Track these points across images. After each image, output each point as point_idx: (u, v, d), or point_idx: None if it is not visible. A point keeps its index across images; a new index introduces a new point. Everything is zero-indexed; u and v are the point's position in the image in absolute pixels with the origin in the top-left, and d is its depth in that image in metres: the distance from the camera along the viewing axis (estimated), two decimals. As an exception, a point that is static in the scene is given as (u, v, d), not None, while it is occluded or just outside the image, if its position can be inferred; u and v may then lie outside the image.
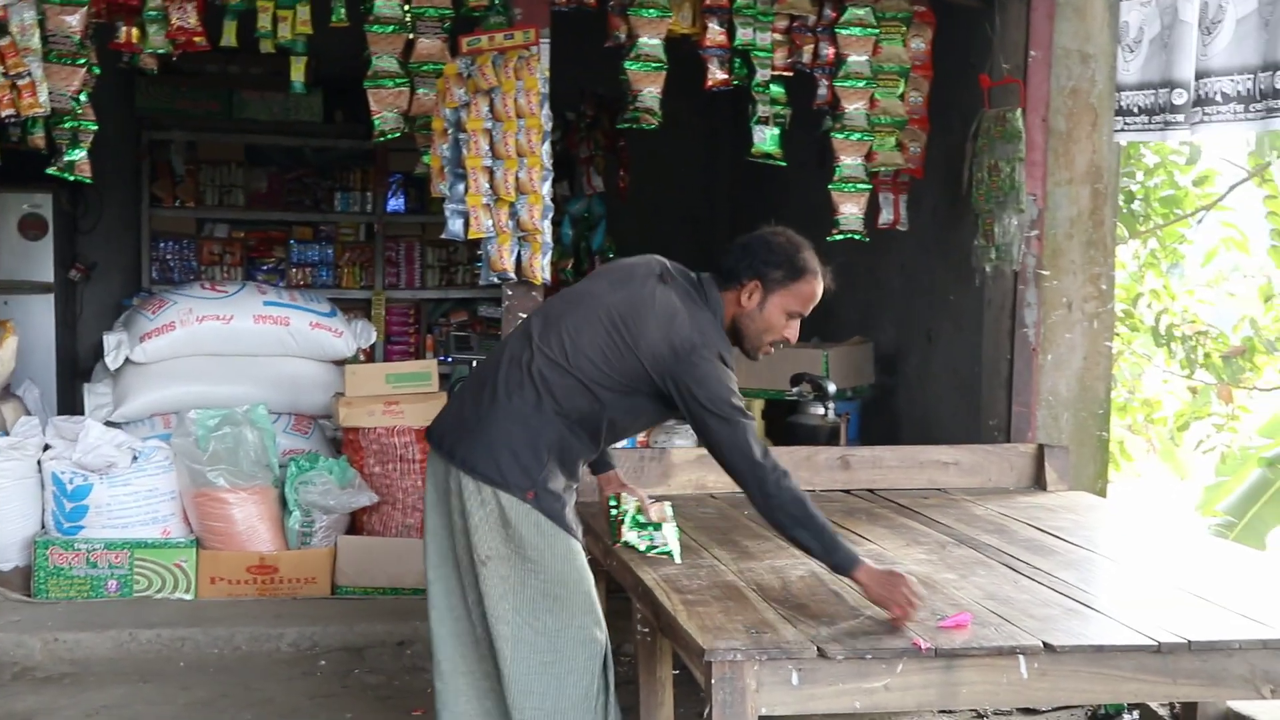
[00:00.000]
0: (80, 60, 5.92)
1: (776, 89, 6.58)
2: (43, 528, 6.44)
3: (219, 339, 7.11)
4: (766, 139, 6.61)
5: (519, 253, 5.91)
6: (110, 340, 7.06)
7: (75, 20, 5.86)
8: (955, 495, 5.71)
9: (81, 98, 5.96)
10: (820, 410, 6.79)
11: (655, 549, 4.19)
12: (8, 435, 6.51)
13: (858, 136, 6.58)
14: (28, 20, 5.67)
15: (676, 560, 4.19)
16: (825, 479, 5.73)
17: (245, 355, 7.16)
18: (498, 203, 5.89)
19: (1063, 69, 6.35)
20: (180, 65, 7.46)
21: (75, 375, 8.58)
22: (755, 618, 3.76)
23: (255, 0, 6.15)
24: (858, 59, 6.48)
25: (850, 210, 6.65)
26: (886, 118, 6.59)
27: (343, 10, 6.25)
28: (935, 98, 6.71)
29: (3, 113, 5.68)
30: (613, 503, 4.26)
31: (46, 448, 6.53)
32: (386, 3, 6.16)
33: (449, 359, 9.73)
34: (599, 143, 9.68)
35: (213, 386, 6.98)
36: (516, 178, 5.84)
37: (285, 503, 6.54)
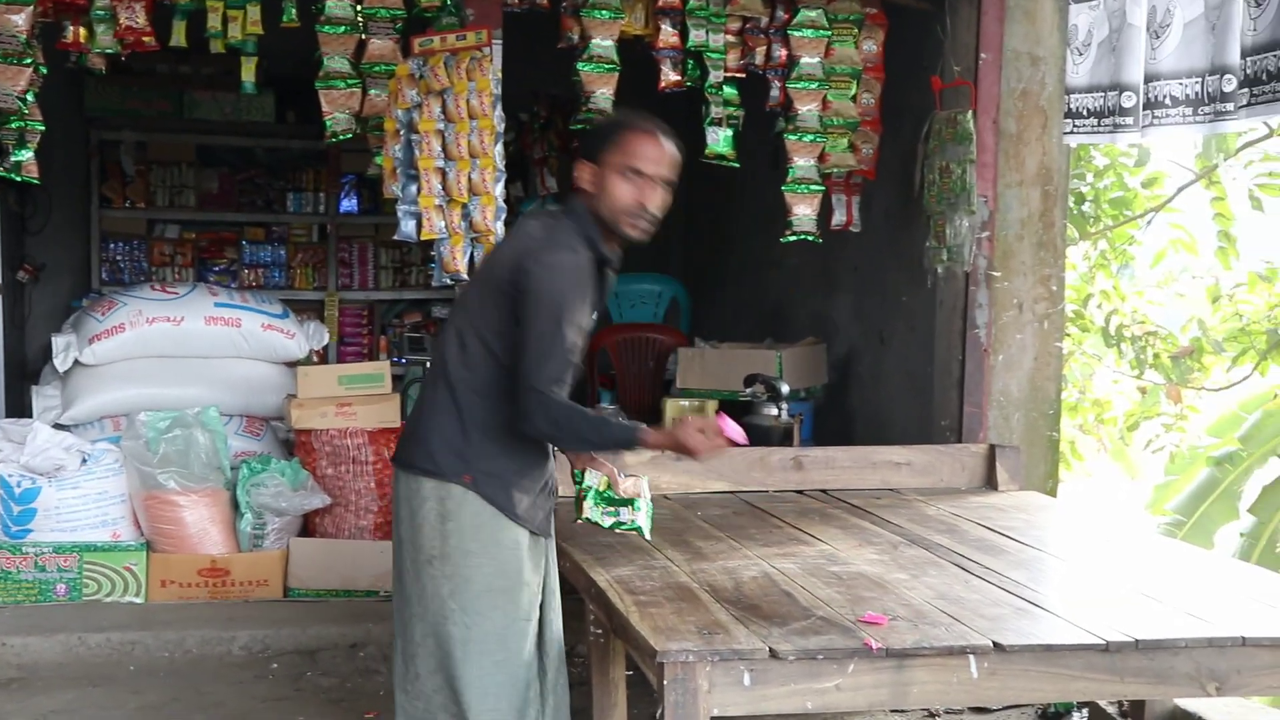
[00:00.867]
0: (26, 60, 5.87)
1: (729, 90, 6.60)
2: (-10, 531, 6.41)
3: (170, 341, 7.08)
4: (720, 140, 6.63)
5: (472, 254, 5.90)
6: (59, 342, 7.02)
7: (21, 19, 5.81)
8: (907, 495, 5.74)
9: (28, 97, 5.91)
10: (774, 411, 6.76)
11: (621, 525, 4.03)
12: (-45, 438, 6.46)
13: (810, 138, 6.60)
14: (-29, 19, 5.65)
15: (647, 537, 4.11)
16: (779, 479, 5.77)
17: (197, 357, 7.14)
18: (450, 204, 5.89)
19: (1013, 71, 6.39)
20: (130, 65, 7.44)
21: (23, 377, 8.50)
22: (707, 619, 3.76)
23: (205, 0, 6.13)
24: (810, 61, 6.50)
25: (803, 211, 6.67)
26: (839, 119, 6.62)
27: (294, 10, 6.21)
28: (887, 99, 6.74)
29: (-52, 113, 5.67)
30: (577, 477, 4.07)
31: (-7, 450, 6.49)
32: (338, 3, 6.13)
33: (403, 360, 9.74)
34: (552, 144, 9.71)
35: (163, 389, 6.96)
36: (469, 179, 5.84)
37: (237, 505, 6.52)
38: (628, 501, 3.99)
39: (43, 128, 6.02)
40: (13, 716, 5.24)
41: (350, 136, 6.32)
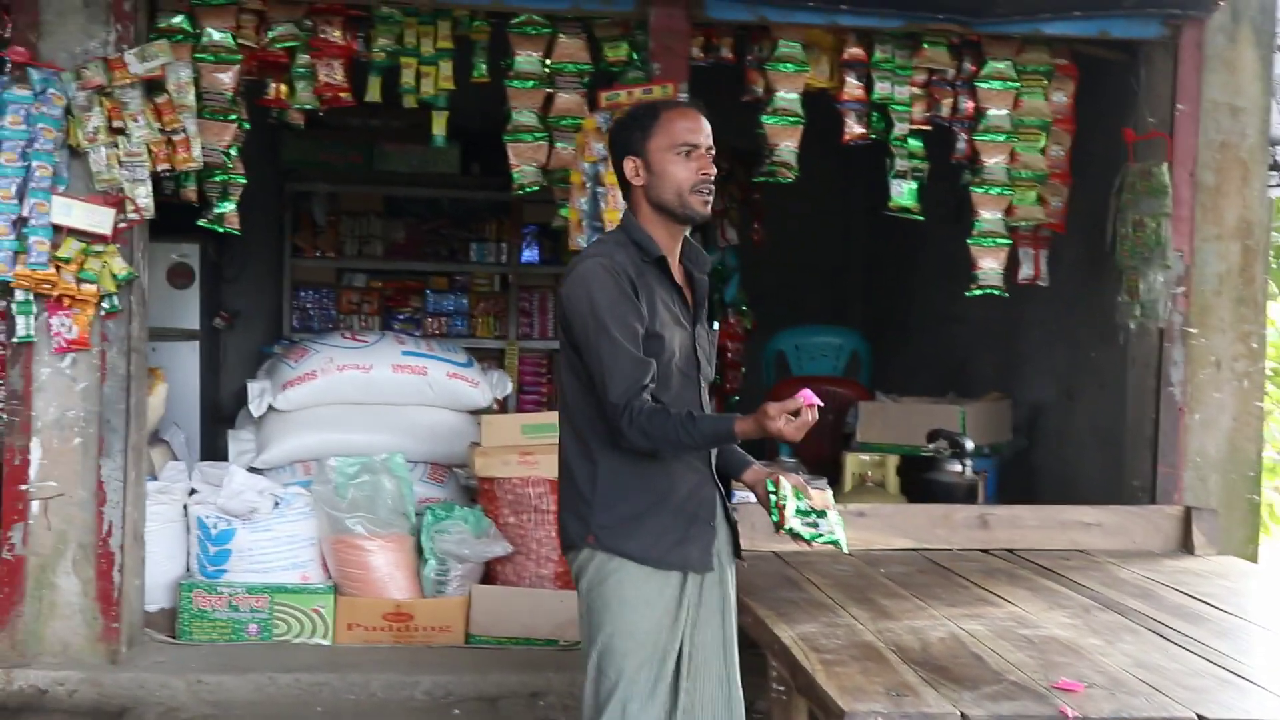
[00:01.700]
0: (232, 116, 6.07)
1: (914, 143, 6.59)
2: (187, 570, 6.55)
3: (358, 388, 7.20)
4: (904, 193, 6.63)
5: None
6: (254, 388, 7.19)
7: (228, 78, 6.01)
8: (1098, 557, 5.62)
9: (232, 152, 6.10)
10: (957, 467, 6.74)
11: (821, 538, 3.72)
12: (156, 480, 6.63)
13: (997, 190, 6.57)
14: (184, 78, 5.82)
15: (844, 550, 3.84)
16: (963, 538, 5.69)
17: (384, 404, 7.24)
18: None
19: (1211, 122, 6.31)
20: (324, 119, 7.61)
21: (218, 421, 8.74)
22: (895, 679, 3.71)
23: (400, 57, 6.26)
24: (998, 113, 6.49)
25: (989, 265, 6.63)
26: (1027, 172, 6.59)
27: (483, 66, 6.37)
28: (1077, 151, 6.69)
29: (159, 167, 5.82)
30: (770, 487, 3.74)
31: (192, 492, 6.66)
32: (527, 59, 6.25)
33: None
34: (734, 195, 9.71)
35: (352, 434, 7.07)
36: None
37: (421, 551, 6.58)
38: (822, 513, 3.74)
39: (244, 181, 6.21)
40: (208, 755, 5.37)
41: (537, 189, 6.41)
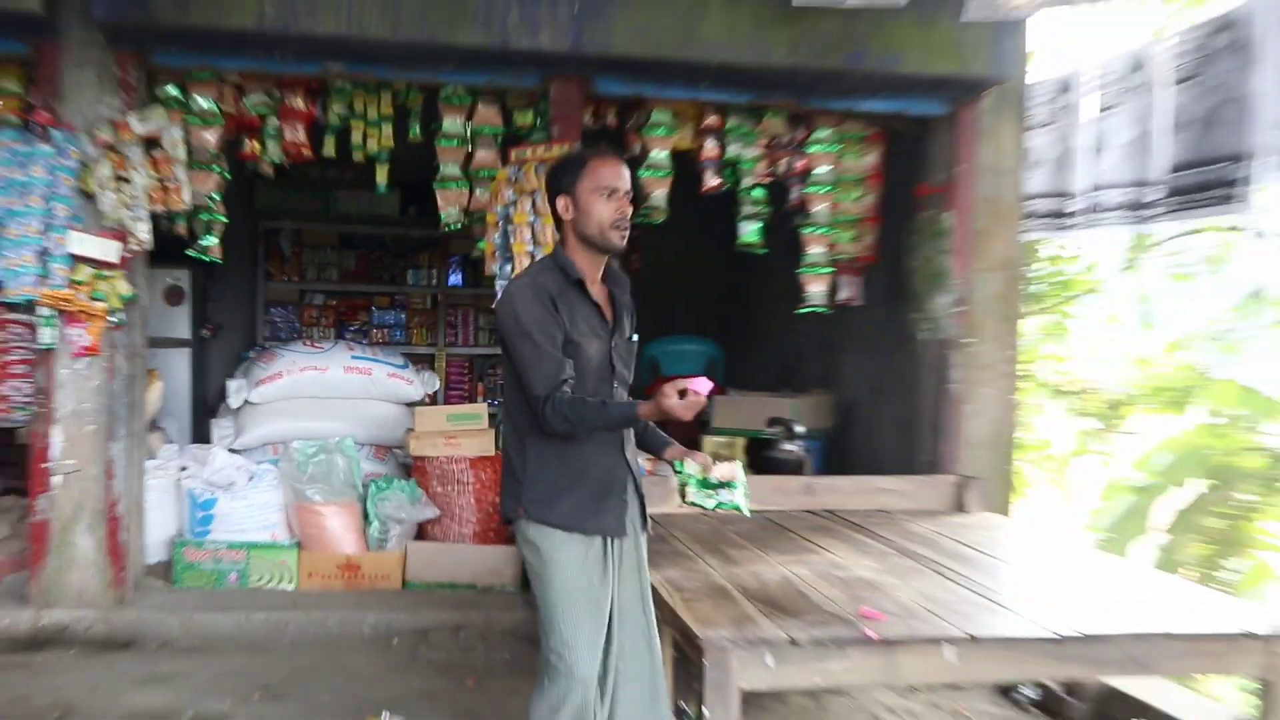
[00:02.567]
0: (215, 167, 6.00)
1: (758, 193, 6.62)
2: (179, 531, 6.47)
3: (316, 385, 7.14)
4: (750, 232, 6.66)
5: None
6: (232, 385, 7.10)
7: (212, 136, 5.95)
8: (896, 515, 5.69)
9: (215, 196, 6.02)
10: (791, 447, 6.79)
11: (723, 505, 3.55)
12: (154, 459, 6.55)
13: (822, 231, 6.62)
14: (176, 137, 5.75)
15: (746, 515, 3.63)
16: (794, 502, 5.74)
17: (337, 398, 7.18)
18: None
19: (982, 181, 6.37)
20: (290, 171, 7.52)
21: (204, 412, 8.60)
22: (739, 612, 3.74)
23: (350, 121, 6.23)
24: (822, 170, 6.54)
25: (816, 289, 6.69)
26: (845, 216, 6.65)
27: (417, 128, 6.32)
28: (884, 201, 6.74)
29: (156, 208, 5.77)
30: (678, 467, 3.60)
31: (183, 469, 6.58)
32: (452, 122, 6.23)
33: (496, 402, 9.74)
34: (617, 233, 9.71)
35: (311, 422, 7.01)
36: (554, 261, 5.89)
37: (367, 515, 6.55)
38: (725, 484, 3.58)
39: (225, 220, 6.12)
40: (198, 674, 5.28)
41: (460, 226, 6.39)
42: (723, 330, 10.35)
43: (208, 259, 6.18)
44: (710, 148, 6.44)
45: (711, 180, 6.52)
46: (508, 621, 5.99)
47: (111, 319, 5.74)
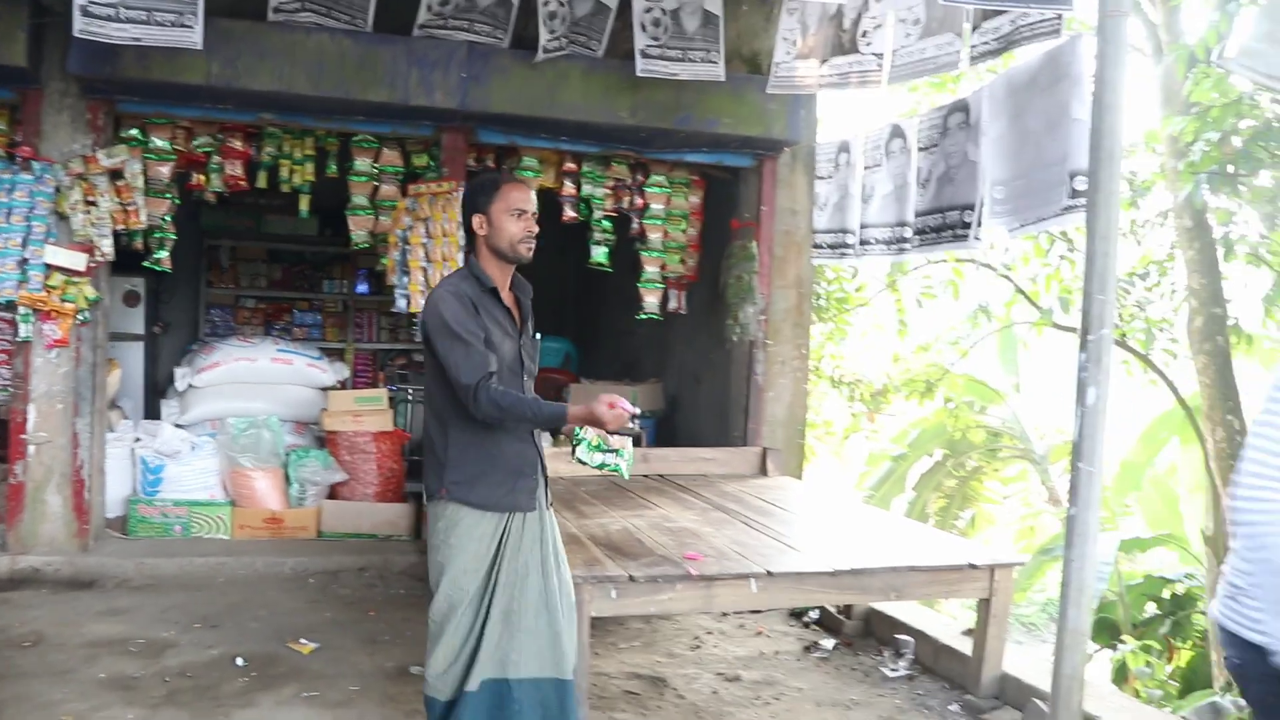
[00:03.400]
0: (167, 195, 5.86)
1: (606, 224, 6.63)
2: (134, 491, 6.28)
3: (248, 372, 6.96)
4: (599, 254, 6.67)
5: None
6: (179, 372, 6.90)
7: (165, 170, 5.81)
8: (713, 479, 5.81)
9: (167, 218, 5.87)
10: (631, 425, 6.85)
11: (605, 466, 3.19)
12: (114, 432, 6.36)
13: (656, 254, 6.67)
14: (136, 170, 5.64)
15: (625, 477, 3.29)
16: (634, 468, 5.81)
17: (265, 383, 7.01)
18: (429, 289, 5.87)
19: (780, 218, 6.47)
20: (229, 198, 7.31)
21: (156, 394, 8.30)
22: (589, 555, 3.81)
23: (279, 159, 6.10)
24: (657, 207, 6.58)
25: (651, 300, 6.74)
26: (674, 243, 6.69)
27: (334, 166, 6.23)
28: (704, 232, 6.78)
29: (118, 227, 5.65)
30: (577, 432, 3.16)
31: (137, 440, 6.38)
32: (362, 162, 6.15)
33: (394, 388, 9.61)
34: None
35: (244, 403, 6.83)
36: (441, 273, 5.86)
37: (288, 478, 6.45)
38: (614, 450, 3.21)
39: (174, 237, 5.98)
40: (149, 607, 5.16)
41: (366, 245, 6.30)
42: (578, 331, 10.37)
43: (160, 269, 6.02)
44: (569, 187, 6.44)
45: (569, 212, 6.52)
46: (402, 564, 5.97)
47: (79, 317, 5.59)
